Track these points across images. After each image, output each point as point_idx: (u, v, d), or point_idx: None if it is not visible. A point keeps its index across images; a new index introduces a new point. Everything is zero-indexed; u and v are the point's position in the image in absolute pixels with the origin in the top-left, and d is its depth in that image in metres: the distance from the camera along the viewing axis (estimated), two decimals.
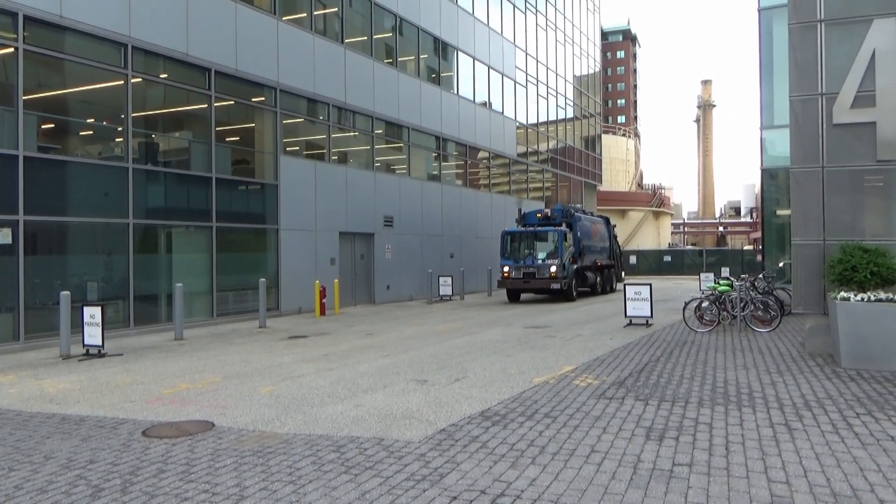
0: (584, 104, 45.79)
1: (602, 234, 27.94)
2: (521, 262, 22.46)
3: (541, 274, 21.99)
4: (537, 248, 22.61)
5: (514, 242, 23.04)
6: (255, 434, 6.22)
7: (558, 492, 4.52)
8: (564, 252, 22.22)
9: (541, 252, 22.45)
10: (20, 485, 4.96)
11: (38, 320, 12.85)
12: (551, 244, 22.47)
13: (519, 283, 22.46)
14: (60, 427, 6.68)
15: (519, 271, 22.34)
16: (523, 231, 23.10)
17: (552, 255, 22.16)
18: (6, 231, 12.32)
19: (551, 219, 23.75)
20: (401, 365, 10.06)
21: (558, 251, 22.10)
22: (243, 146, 19.19)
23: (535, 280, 22.06)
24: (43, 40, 13.24)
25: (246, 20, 17.76)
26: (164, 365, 10.52)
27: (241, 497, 4.56)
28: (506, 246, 23.02)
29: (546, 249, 22.46)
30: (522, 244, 22.91)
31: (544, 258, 22.19)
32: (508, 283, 22.49)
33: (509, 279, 22.42)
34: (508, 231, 23.45)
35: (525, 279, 22.19)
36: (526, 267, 22.28)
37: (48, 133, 14.36)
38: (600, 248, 27.18)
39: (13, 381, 9.30)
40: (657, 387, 7.96)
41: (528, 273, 22.18)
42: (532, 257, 22.38)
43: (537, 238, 22.82)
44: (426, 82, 26.27)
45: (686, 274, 45.14)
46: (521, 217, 24.65)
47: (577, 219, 23.95)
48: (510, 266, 22.50)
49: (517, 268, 22.39)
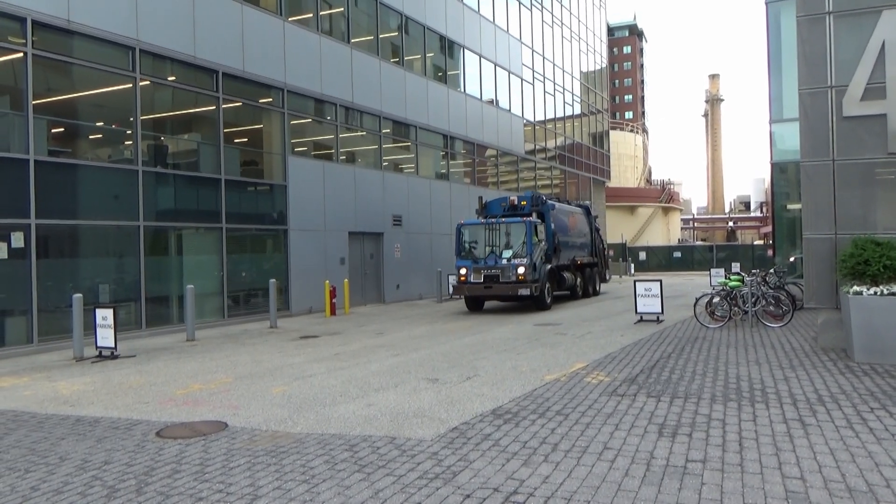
0: (592, 100, 45.65)
1: (581, 226, 23.88)
2: (480, 262, 18.20)
3: (506, 277, 17.78)
4: (501, 244, 18.36)
5: (473, 238, 18.82)
6: (267, 434, 6.24)
7: (571, 489, 4.52)
8: (535, 249, 18.18)
9: (506, 249, 18.22)
10: (36, 486, 5.00)
11: (51, 323, 12.95)
12: (518, 239, 18.25)
13: (478, 289, 18.16)
14: (75, 428, 6.73)
15: (479, 274, 18.06)
16: (484, 223, 18.84)
17: (519, 253, 17.98)
18: (18, 235, 12.42)
19: (519, 208, 19.88)
20: (412, 364, 10.07)
21: (527, 248, 17.97)
22: (252, 147, 19.26)
23: (498, 285, 17.86)
24: (51, 45, 13.33)
25: (252, 21, 17.81)
26: (176, 366, 10.58)
27: (256, 497, 4.58)
28: (462, 242, 18.77)
29: (512, 246, 18.28)
30: (483, 240, 18.67)
31: (510, 257, 17.97)
32: (466, 288, 18.30)
33: (467, 284, 18.24)
34: (465, 223, 19.10)
35: (486, 283, 17.99)
36: (487, 268, 18.02)
37: (58, 137, 14.47)
38: (580, 243, 23.28)
39: (27, 384, 9.39)
40: (669, 383, 7.93)
41: (490, 276, 17.96)
42: (495, 256, 18.13)
43: (501, 232, 18.48)
44: (433, 81, 26.26)
45: (696, 270, 44.95)
46: (482, 207, 20.63)
47: (549, 207, 19.94)
48: (468, 267, 18.23)
49: (476, 269, 18.08)
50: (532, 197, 20.04)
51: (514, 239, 18.35)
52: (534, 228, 18.35)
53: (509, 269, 17.79)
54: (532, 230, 18.23)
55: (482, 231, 18.75)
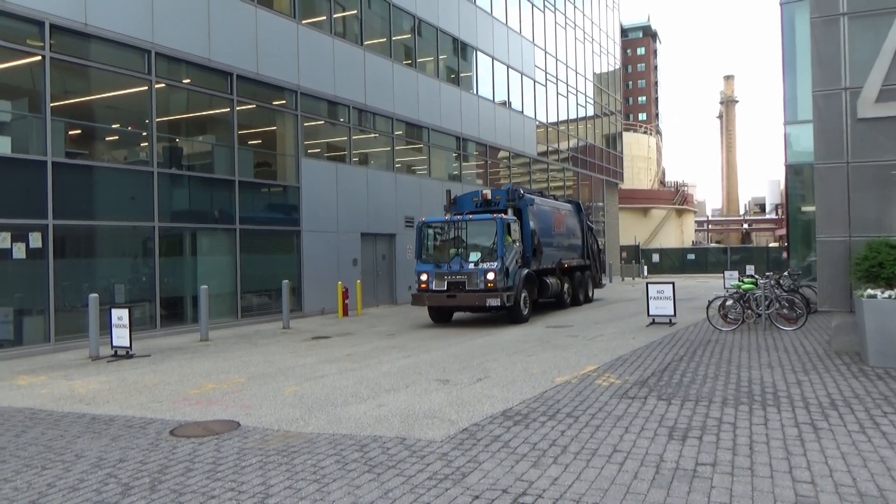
0: (605, 102, 45.52)
1: (570, 224, 21.21)
2: (444, 266, 15.61)
3: (472, 284, 15.20)
4: (468, 245, 15.73)
5: (436, 238, 16.30)
6: (279, 433, 6.30)
7: (580, 491, 4.53)
8: (508, 250, 15.59)
9: (473, 252, 15.63)
10: (52, 483, 5.09)
11: (67, 322, 13.13)
12: (488, 240, 15.58)
13: (440, 299, 15.55)
14: (90, 427, 6.83)
15: (441, 280, 15.50)
16: (448, 221, 16.14)
17: (489, 256, 15.35)
18: (36, 235, 12.59)
19: (493, 204, 17.22)
20: (423, 365, 10.11)
21: (498, 249, 15.31)
22: (265, 149, 19.41)
23: (463, 293, 15.25)
24: (69, 48, 13.51)
25: (266, 24, 17.95)
26: (190, 365, 10.69)
27: (267, 495, 4.64)
28: (423, 243, 16.25)
29: (480, 247, 15.65)
30: (447, 240, 16.08)
31: (478, 260, 15.37)
32: (426, 297, 15.69)
33: (428, 292, 15.68)
34: (427, 221, 16.50)
35: (450, 292, 15.42)
36: (451, 274, 15.43)
37: (75, 139, 14.66)
38: (568, 244, 20.70)
39: (44, 382, 9.53)
40: (680, 386, 7.91)
41: (454, 283, 15.41)
42: (460, 259, 15.53)
43: (468, 231, 15.79)
44: (445, 83, 26.32)
45: (710, 272, 44.66)
46: (452, 203, 17.97)
47: (527, 202, 17.32)
48: (429, 273, 15.70)
49: (439, 275, 15.53)
50: (508, 191, 17.24)
51: (482, 239, 15.71)
52: (506, 227, 15.69)
53: (476, 275, 15.21)
54: (504, 229, 15.57)
55: (447, 230, 16.13)
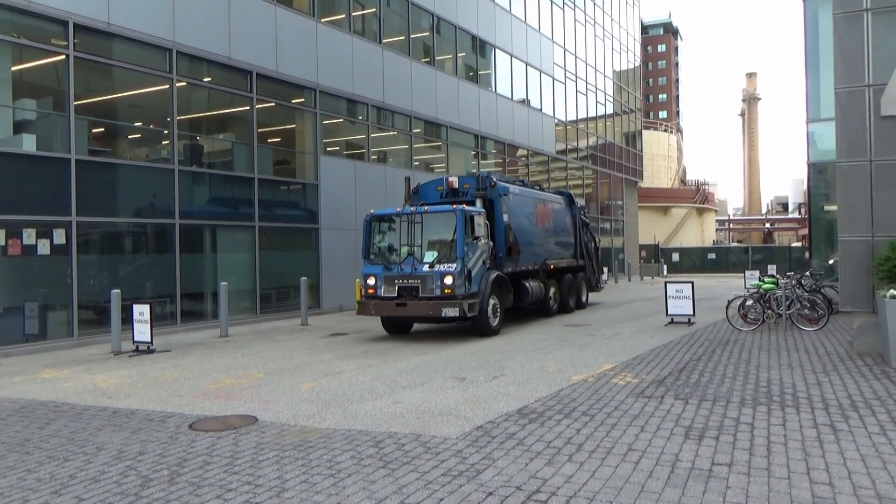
0: (625, 100, 45.20)
1: (559, 219, 18.41)
2: (394, 268, 12.93)
3: (427, 289, 12.50)
4: (424, 243, 13.05)
5: (387, 235, 13.61)
6: (296, 429, 6.37)
7: (594, 489, 4.53)
8: (472, 249, 12.82)
9: (429, 251, 12.93)
10: (74, 474, 5.19)
11: (90, 317, 13.35)
12: (446, 236, 12.88)
13: (388, 307, 12.83)
14: (112, 420, 6.95)
15: (391, 285, 12.79)
16: (400, 214, 13.42)
17: (447, 256, 12.64)
18: (60, 231, 12.81)
19: (460, 193, 14.59)
20: (439, 362, 10.14)
21: (457, 248, 12.57)
22: (284, 147, 19.55)
23: (416, 302, 12.54)
24: (92, 47, 13.72)
25: (286, 23, 18.07)
26: (209, 361, 10.81)
27: (283, 489, 4.69)
28: (371, 240, 13.51)
29: (437, 245, 12.94)
30: (399, 237, 13.40)
31: (433, 261, 12.68)
32: (373, 306, 12.96)
33: (375, 299, 12.96)
34: (376, 215, 13.73)
35: (400, 299, 12.69)
36: (402, 277, 12.74)
37: (98, 137, 14.90)
38: (556, 241, 17.93)
39: (68, 376, 9.70)
40: (698, 386, 7.85)
41: (405, 288, 12.68)
42: (413, 260, 12.83)
43: (423, 226, 13.10)
44: (464, 80, 26.30)
45: (731, 272, 44.19)
46: (412, 193, 15.25)
47: (500, 191, 14.52)
48: (377, 276, 13.00)
49: (388, 279, 12.85)
50: (478, 178, 14.54)
51: (440, 235, 13.01)
52: (468, 220, 12.86)
53: (432, 280, 12.47)
54: (466, 223, 12.78)
55: (398, 225, 13.45)
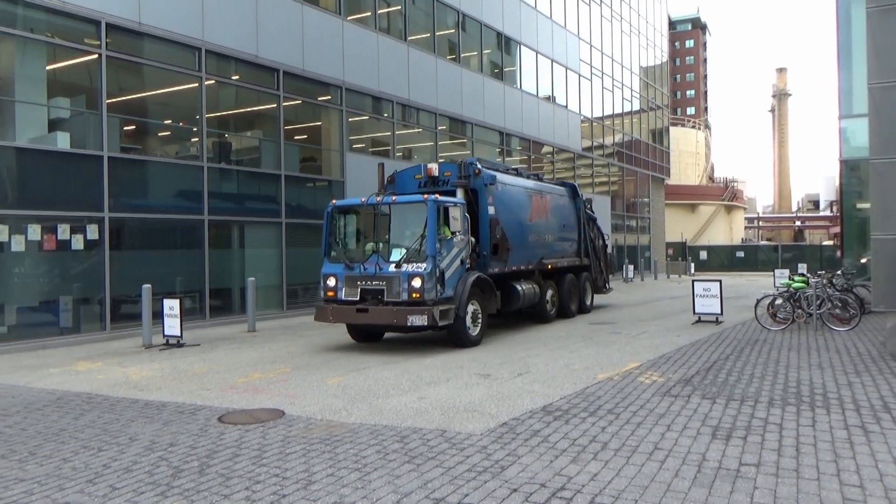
0: (651, 96, 44.71)
1: (560, 213, 16.36)
2: (356, 267, 11.18)
3: (392, 293, 10.78)
4: (391, 239, 11.33)
5: (350, 229, 12.20)
6: (322, 423, 6.44)
7: (619, 487, 4.51)
8: (446, 246, 11.10)
9: (396, 248, 11.18)
10: (108, 464, 5.32)
11: (121, 311, 13.62)
12: (416, 230, 11.04)
13: (348, 313, 11.07)
14: (143, 412, 7.10)
15: (353, 287, 11.12)
16: (365, 204, 11.71)
17: (417, 254, 10.83)
18: (93, 227, 13.08)
19: (440, 182, 12.90)
20: (464, 359, 10.16)
21: (428, 245, 10.78)
22: (310, 144, 19.71)
23: (378, 308, 10.77)
24: (123, 46, 13.97)
25: (312, 21, 18.21)
26: (237, 355, 10.97)
27: (310, 482, 4.76)
28: (333, 235, 11.90)
29: (406, 241, 11.18)
30: (363, 232, 12.01)
31: (400, 260, 10.92)
32: (330, 311, 11.22)
33: (334, 302, 11.30)
34: (339, 205, 12.09)
35: (362, 304, 10.97)
36: (365, 278, 11.04)
37: (129, 134, 15.19)
38: (555, 238, 15.84)
39: (101, 368, 9.93)
40: (725, 385, 7.77)
41: (369, 291, 10.99)
42: (378, 258, 11.09)
43: (391, 219, 11.49)
44: (489, 77, 26.26)
45: (760, 270, 43.52)
46: (388, 182, 13.64)
47: (486, 180, 12.69)
48: (338, 277, 11.32)
49: (350, 280, 11.16)
50: (460, 165, 12.72)
51: (409, 230, 11.27)
52: (441, 213, 11.12)
53: (398, 281, 10.74)
54: (438, 215, 11.04)
55: (363, 218, 11.97)
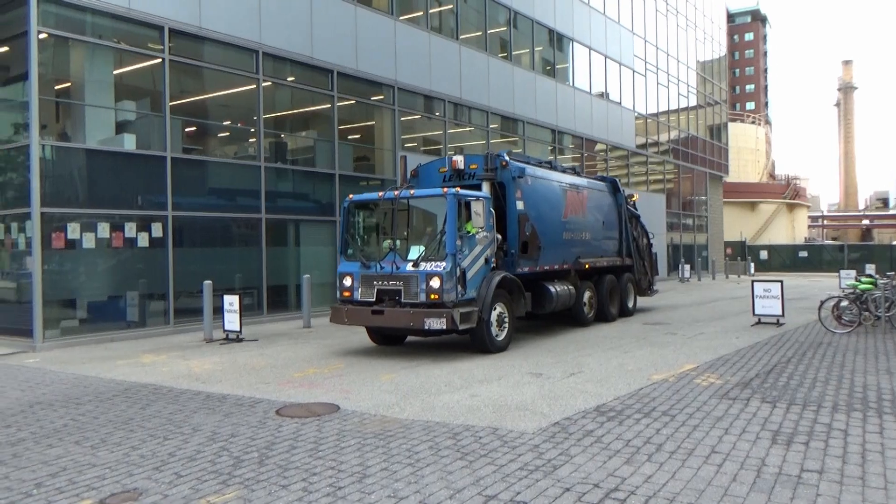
0: (709, 91, 43.56)
1: (598, 210, 15.41)
2: (373, 266, 10.58)
3: (410, 293, 10.12)
4: (410, 235, 10.81)
5: (366, 224, 11.80)
6: (376, 418, 6.55)
7: (675, 490, 4.45)
8: (468, 244, 10.37)
9: (415, 245, 10.58)
10: (173, 452, 5.55)
11: (184, 306, 14.12)
12: (435, 226, 10.60)
13: (363, 315, 10.51)
14: (205, 403, 7.36)
15: (369, 287, 10.52)
16: (383, 199, 10.97)
17: (435, 252, 10.15)
18: (157, 225, 13.60)
19: (466, 176, 12.18)
20: (515, 357, 10.15)
21: (447, 242, 10.07)
22: (364, 143, 19.99)
23: (394, 309, 10.13)
24: (185, 50, 14.47)
25: (365, 22, 18.45)
26: (294, 350, 11.24)
27: (365, 475, 4.85)
28: (350, 232, 11.28)
29: (425, 238, 10.73)
30: (381, 228, 11.55)
31: (417, 258, 10.18)
32: (346, 312, 10.65)
33: (350, 303, 10.77)
34: (356, 200, 11.37)
35: (377, 305, 10.38)
36: (381, 278, 10.41)
37: (190, 135, 15.72)
38: (592, 236, 14.89)
39: (165, 361, 10.33)
40: (787, 389, 7.54)
41: (385, 291, 10.37)
42: (395, 256, 10.44)
43: (409, 214, 10.91)
44: (541, 75, 26.07)
45: (824, 271, 41.88)
46: (411, 176, 12.96)
47: (514, 172, 11.91)
48: (353, 275, 10.75)
49: (367, 279, 10.56)
50: (487, 157, 11.92)
51: (427, 227, 10.89)
52: (462, 208, 10.34)
53: (415, 281, 10.06)
54: (459, 210, 10.27)
55: (381, 213, 11.34)
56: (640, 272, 17.39)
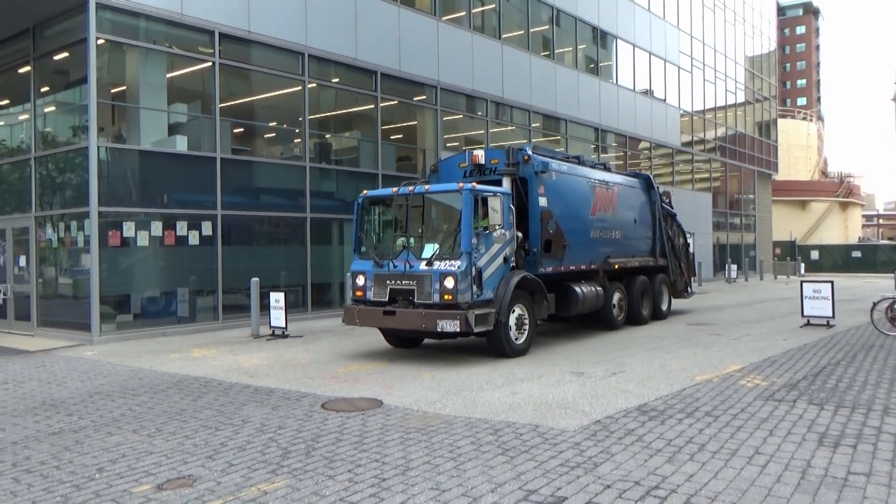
0: (758, 87, 42.51)
1: (629, 207, 14.74)
2: (386, 265, 10.10)
3: (423, 294, 9.60)
4: (424, 232, 10.21)
5: (380, 221, 11.27)
6: (418, 413, 6.68)
7: (716, 489, 4.44)
8: (484, 242, 9.80)
9: (430, 243, 10.07)
10: (224, 442, 5.77)
11: (231, 303, 14.53)
12: (449, 224, 10.10)
13: (375, 316, 10.05)
14: (254, 396, 7.61)
15: (382, 286, 10.06)
16: (398, 194, 10.43)
17: (450, 250, 9.66)
18: (207, 224, 14.03)
19: (486, 171, 11.63)
20: (556, 357, 10.17)
21: (462, 240, 9.55)
22: (406, 143, 20.20)
23: (406, 310, 9.64)
24: (234, 54, 14.88)
25: (408, 23, 18.63)
26: (337, 347, 11.47)
27: (408, 468, 4.98)
28: (363, 229, 11.04)
29: (440, 236, 10.17)
30: (395, 225, 10.73)
31: (431, 257, 9.68)
32: (357, 313, 10.21)
33: (362, 303, 10.34)
34: (370, 196, 11.06)
35: (391, 305, 9.91)
36: (394, 277, 9.95)
37: (239, 136, 16.15)
38: (624, 234, 14.31)
39: (215, 356, 10.67)
40: (835, 391, 7.39)
41: (398, 291, 9.89)
42: (409, 255, 9.93)
43: (424, 210, 10.31)
44: (584, 73, 25.89)
45: (879, 272, 40.44)
46: (431, 171, 12.78)
47: (537, 167, 11.37)
48: (366, 274, 10.32)
49: (379, 278, 10.11)
50: (509, 151, 11.47)
51: (443, 223, 10.34)
52: (478, 203, 9.81)
53: (429, 281, 9.56)
54: (476, 206, 9.77)
55: (395, 210, 10.64)
56: (676, 273, 16.65)
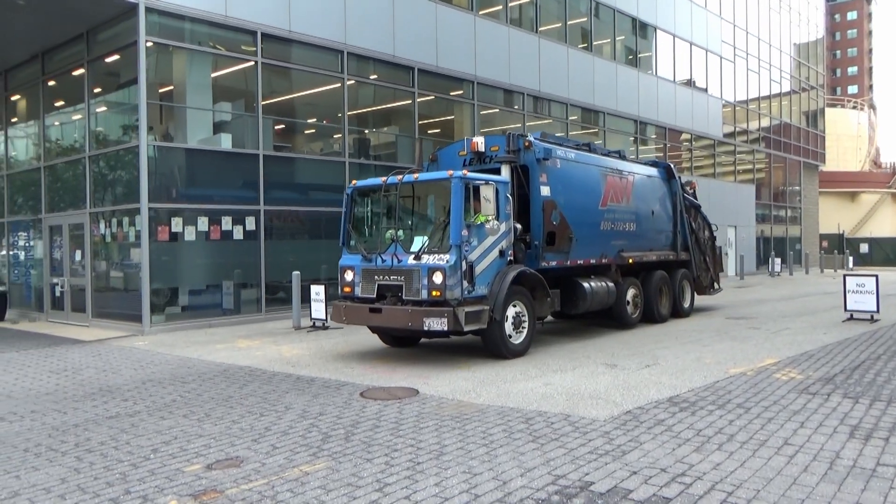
0: (804, 75, 41.39)
1: (646, 197, 13.82)
2: (374, 259, 9.49)
3: (411, 289, 9.02)
4: (414, 224, 9.87)
5: (369, 212, 10.58)
6: (453, 402, 6.89)
7: (742, 477, 4.54)
8: (476, 233, 9.14)
9: (419, 235, 9.57)
10: (269, 427, 6.08)
11: (274, 295, 14.98)
12: (440, 215, 9.55)
13: (361, 314, 9.50)
14: (296, 385, 7.94)
15: (370, 281, 9.51)
16: (387, 184, 9.76)
17: (439, 243, 9.04)
18: (251, 219, 14.50)
19: (487, 159, 10.83)
20: (590, 348, 10.27)
21: (451, 232, 8.89)
22: (443, 138, 20.34)
23: (391, 309, 9.09)
24: (275, 53, 15.28)
25: (445, 18, 18.79)
26: (375, 338, 11.62)
27: (442, 453, 5.20)
28: (352, 221, 10.35)
29: (428, 228, 9.71)
30: (385, 217, 10.18)
31: (419, 250, 9.09)
32: (344, 310, 9.70)
33: (350, 299, 9.80)
34: (359, 186, 10.42)
35: (379, 301, 9.37)
36: (382, 272, 9.36)
37: (280, 133, 16.58)
38: (640, 227, 13.42)
39: (258, 346, 11.09)
40: (872, 385, 7.33)
41: (386, 286, 9.33)
42: (397, 248, 9.31)
43: (414, 200, 9.99)
44: (622, 65, 25.67)
45: None
46: (430, 160, 12.20)
47: (539, 154, 10.61)
48: (355, 269, 9.74)
49: (367, 273, 9.55)
50: (509, 137, 10.72)
51: (434, 214, 9.93)
52: (470, 193, 9.12)
53: (417, 276, 8.96)
54: (467, 195, 9.10)
55: (385, 201, 10.02)
56: (701, 268, 15.62)
